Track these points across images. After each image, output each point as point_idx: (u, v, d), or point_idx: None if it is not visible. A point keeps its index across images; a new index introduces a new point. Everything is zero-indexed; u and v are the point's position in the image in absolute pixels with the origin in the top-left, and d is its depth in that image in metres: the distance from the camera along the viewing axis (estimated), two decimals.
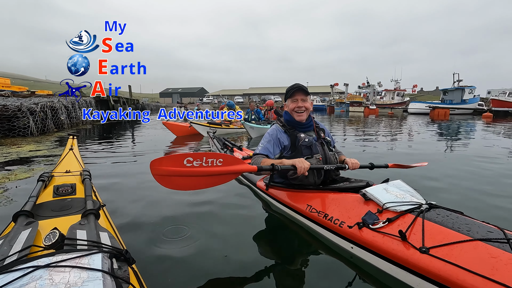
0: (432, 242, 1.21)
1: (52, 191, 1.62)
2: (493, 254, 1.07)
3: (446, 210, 1.42)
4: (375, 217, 1.45)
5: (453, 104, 23.93)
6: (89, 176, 1.87)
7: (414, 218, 1.34)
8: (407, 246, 1.25)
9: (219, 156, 1.64)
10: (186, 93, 79.16)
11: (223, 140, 4.04)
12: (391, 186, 1.64)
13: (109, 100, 14.51)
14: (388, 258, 1.31)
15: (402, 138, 7.43)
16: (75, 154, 2.48)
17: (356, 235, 1.46)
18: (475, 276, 1.03)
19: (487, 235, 1.18)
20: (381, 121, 14.81)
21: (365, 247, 1.42)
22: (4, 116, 6.43)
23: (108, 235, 1.11)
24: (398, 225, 1.35)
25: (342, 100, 32.75)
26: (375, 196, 1.53)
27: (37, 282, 0.74)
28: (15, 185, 2.83)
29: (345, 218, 1.57)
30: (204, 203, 2.33)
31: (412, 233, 1.28)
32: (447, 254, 1.14)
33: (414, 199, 1.50)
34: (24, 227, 1.13)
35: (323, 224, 1.69)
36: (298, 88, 2.00)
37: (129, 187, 2.85)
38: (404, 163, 2.32)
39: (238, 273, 1.44)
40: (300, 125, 2.04)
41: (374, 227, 1.41)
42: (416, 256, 1.20)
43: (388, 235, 1.33)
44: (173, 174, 1.54)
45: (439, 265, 1.13)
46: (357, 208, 1.58)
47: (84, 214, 1.25)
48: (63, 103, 9.10)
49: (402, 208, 1.43)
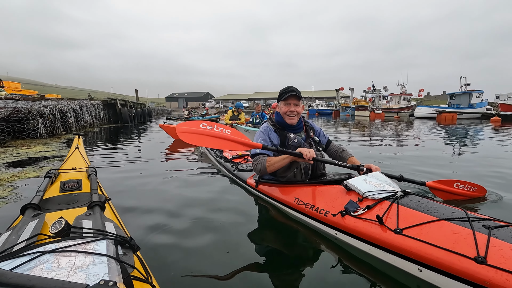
0: (405, 224, 1.36)
1: (59, 187, 1.65)
2: (455, 230, 1.23)
3: (417, 196, 1.59)
4: (356, 205, 1.59)
5: (460, 108, 23.63)
6: (95, 172, 1.91)
7: (389, 204, 1.49)
8: (384, 229, 1.40)
9: (228, 128, 2.04)
10: (191, 98, 79.83)
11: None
12: (370, 177, 1.78)
13: (116, 104, 14.72)
14: (368, 240, 1.46)
15: (410, 142, 7.35)
16: (81, 153, 2.53)
17: (340, 222, 1.60)
18: (440, 249, 1.18)
19: (451, 215, 1.34)
20: (387, 125, 14.70)
21: (348, 232, 1.56)
22: (15, 118, 6.57)
23: (113, 225, 1.12)
24: (376, 211, 1.50)
25: (347, 104, 32.63)
26: (355, 186, 1.68)
27: (44, 266, 0.76)
28: (24, 183, 2.89)
29: (329, 208, 1.71)
30: (203, 198, 2.43)
31: (388, 217, 1.43)
32: (417, 233, 1.29)
33: (391, 188, 1.65)
34: (31, 219, 1.16)
35: (310, 215, 1.82)
36: (292, 94, 2.05)
37: (132, 183, 2.89)
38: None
39: (235, 261, 1.47)
40: (290, 127, 2.11)
41: (355, 214, 1.55)
42: (391, 237, 1.35)
43: (367, 220, 1.48)
44: (191, 132, 1.94)
45: (411, 243, 1.28)
46: (340, 198, 1.72)
47: (90, 205, 1.28)
48: (71, 106, 9.27)
49: (380, 196, 1.58)
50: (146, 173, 3.36)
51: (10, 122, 6.49)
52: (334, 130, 11.45)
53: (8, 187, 2.73)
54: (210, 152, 3.90)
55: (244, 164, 3.04)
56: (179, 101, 77.66)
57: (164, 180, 3.05)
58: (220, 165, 3.41)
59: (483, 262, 1.06)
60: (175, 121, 17.41)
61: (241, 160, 3.28)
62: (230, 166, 3.10)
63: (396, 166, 3.66)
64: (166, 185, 2.85)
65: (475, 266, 1.08)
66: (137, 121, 16.65)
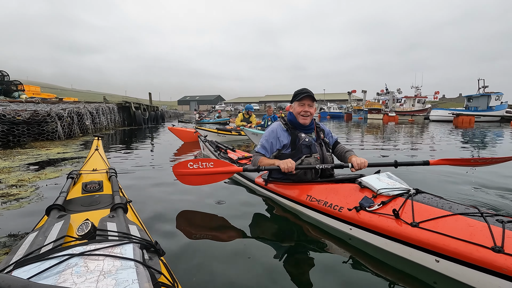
0: (420, 218, 1.40)
1: (81, 188, 1.67)
2: (470, 223, 1.28)
3: (430, 195, 1.63)
4: (370, 201, 1.64)
5: (478, 111, 22.87)
6: (115, 173, 1.92)
7: (404, 200, 1.54)
8: (400, 223, 1.44)
9: (210, 160, 2.17)
10: (203, 101, 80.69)
11: (216, 143, 4.32)
12: (382, 176, 1.83)
13: (131, 107, 15.03)
14: (383, 234, 1.49)
15: (425, 145, 7.14)
16: (101, 154, 2.57)
17: (354, 217, 1.64)
18: (457, 240, 1.23)
19: (464, 210, 1.39)
20: (401, 128, 14.38)
21: (363, 227, 1.60)
22: (35, 120, 6.79)
23: (137, 228, 1.11)
24: (391, 206, 1.55)
25: (360, 107, 32.16)
26: (370, 183, 1.73)
27: (73, 269, 0.75)
28: (45, 183, 2.95)
29: (343, 204, 1.75)
30: (216, 199, 2.45)
31: (404, 212, 1.48)
32: (433, 226, 1.34)
33: (404, 186, 1.71)
34: (56, 220, 1.16)
35: (323, 211, 1.85)
36: (307, 94, 2.12)
37: (149, 186, 2.91)
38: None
39: (256, 265, 1.45)
40: (302, 127, 2.18)
41: (370, 209, 1.60)
42: (408, 230, 1.39)
43: (383, 215, 1.53)
44: (184, 174, 2.14)
45: (428, 235, 1.32)
46: (354, 195, 1.77)
47: (113, 207, 1.27)
48: (88, 109, 9.51)
49: (394, 193, 1.64)
50: (156, 176, 3.39)
51: (30, 124, 6.71)
52: (346, 133, 11.28)
53: (30, 187, 2.79)
54: (214, 154, 3.99)
55: (250, 165, 3.08)
56: (191, 104, 78.60)
57: (174, 183, 3.06)
58: None
59: (501, 251, 1.12)
60: (186, 123, 17.63)
61: (247, 161, 3.38)
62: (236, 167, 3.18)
63: (409, 174, 3.55)
64: (177, 188, 2.86)
65: (493, 255, 1.13)
66: (151, 124, 16.93)
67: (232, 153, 3.87)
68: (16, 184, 2.91)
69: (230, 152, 3.91)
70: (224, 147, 4.15)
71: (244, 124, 7.55)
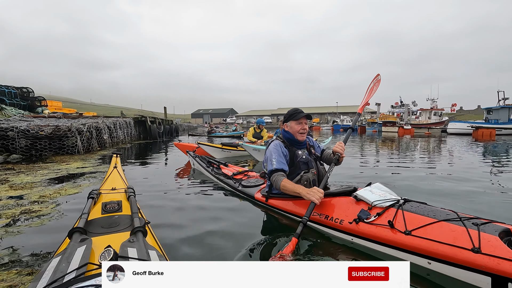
0: (412, 226, 1.61)
1: (100, 208, 1.70)
2: (452, 229, 1.50)
3: (415, 202, 1.85)
4: (367, 213, 1.82)
5: (499, 124, 22.05)
6: (134, 193, 1.95)
7: (396, 211, 1.74)
8: (395, 232, 1.64)
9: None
10: (216, 114, 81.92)
11: (207, 159, 4.31)
12: (374, 188, 2.04)
13: (146, 121, 15.43)
14: (382, 242, 1.68)
15: (444, 160, 6.91)
16: (119, 172, 2.62)
17: (355, 229, 1.82)
18: (444, 245, 1.44)
19: (446, 216, 1.61)
20: (417, 141, 14.01)
21: (363, 237, 1.78)
22: (57, 135, 7.07)
23: (156, 254, 1.12)
24: (385, 217, 1.74)
25: (374, 120, 31.70)
26: (364, 197, 1.92)
27: None
28: (65, 200, 3.03)
29: (343, 217, 1.92)
30: (219, 218, 2.45)
31: (397, 221, 1.68)
32: (423, 233, 1.55)
33: (393, 196, 1.92)
34: (79, 244, 1.18)
35: (326, 224, 2.01)
36: (304, 114, 2.34)
37: (165, 204, 2.92)
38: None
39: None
40: (298, 144, 2.37)
41: (368, 221, 1.78)
42: (402, 238, 1.59)
43: (380, 225, 1.72)
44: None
45: (419, 241, 1.53)
46: (352, 208, 1.94)
47: (132, 231, 1.28)
48: (106, 123, 9.83)
49: (386, 204, 1.82)
50: (171, 192, 3.42)
51: (52, 139, 6.99)
52: (360, 147, 11.08)
53: (51, 203, 2.87)
54: (207, 170, 3.99)
55: (246, 180, 3.12)
56: (204, 117, 79.94)
57: (188, 200, 3.09)
58: (221, 182, 3.51)
59: (479, 252, 1.33)
60: (197, 137, 17.81)
61: (242, 176, 3.39)
62: (233, 183, 3.22)
63: (425, 191, 3.42)
64: (190, 205, 2.89)
65: (473, 255, 1.34)
66: (165, 137, 17.27)
67: (226, 168, 3.85)
68: (38, 200, 3.00)
69: (223, 167, 3.90)
70: (217, 162, 4.12)
71: (254, 140, 7.19)
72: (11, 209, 2.70)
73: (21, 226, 2.25)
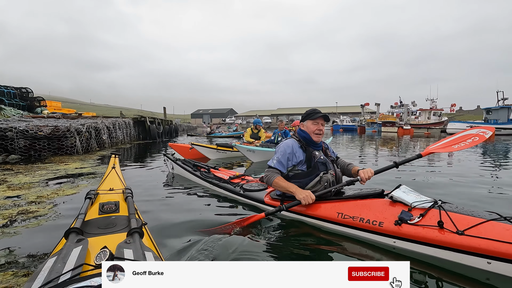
0: (462, 226, 1.53)
1: (97, 209, 1.69)
2: (506, 227, 1.45)
3: (453, 204, 1.79)
4: (409, 214, 1.73)
5: (498, 124, 22.08)
6: (131, 194, 1.94)
7: (439, 211, 1.64)
8: (446, 232, 1.56)
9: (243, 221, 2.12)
10: (216, 114, 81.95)
11: (193, 162, 3.94)
12: (404, 189, 1.94)
13: (146, 121, 15.40)
14: (431, 243, 1.60)
15: (447, 159, 6.90)
16: (117, 173, 2.60)
17: (398, 231, 1.71)
18: (504, 243, 1.38)
19: (490, 216, 1.56)
20: (417, 141, 14.01)
21: (408, 239, 1.68)
22: (56, 136, 7.04)
23: (152, 255, 1.11)
24: (430, 217, 1.66)
25: (373, 120, 31.72)
26: (402, 198, 1.83)
27: None
28: (63, 200, 3.01)
29: (381, 219, 1.81)
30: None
31: (444, 222, 1.58)
32: (478, 233, 1.47)
33: (428, 198, 1.81)
34: (75, 244, 1.16)
35: (361, 227, 1.89)
36: (322, 115, 2.28)
37: (163, 205, 2.91)
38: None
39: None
40: (314, 144, 2.28)
41: (412, 222, 1.68)
42: (456, 238, 1.51)
43: (427, 226, 1.63)
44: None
45: (477, 241, 1.45)
46: (389, 209, 1.84)
47: (129, 232, 1.27)
48: (105, 124, 9.80)
49: (426, 205, 1.74)
50: (169, 194, 3.39)
51: (51, 139, 6.96)
52: (360, 147, 11.08)
53: (48, 204, 2.86)
54: (195, 174, 3.65)
55: (248, 184, 2.88)
56: (204, 117, 79.92)
57: (184, 201, 3.06)
58: (215, 186, 3.21)
59: None
60: (196, 137, 17.74)
61: (239, 180, 3.09)
62: (232, 187, 2.95)
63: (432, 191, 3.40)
64: (186, 207, 2.86)
65: None
66: (165, 138, 17.24)
67: (218, 172, 3.54)
68: (35, 200, 2.98)
69: (215, 171, 3.58)
70: (206, 166, 3.71)
71: (252, 141, 7.07)
72: (8, 209, 2.68)
73: (18, 227, 2.24)
